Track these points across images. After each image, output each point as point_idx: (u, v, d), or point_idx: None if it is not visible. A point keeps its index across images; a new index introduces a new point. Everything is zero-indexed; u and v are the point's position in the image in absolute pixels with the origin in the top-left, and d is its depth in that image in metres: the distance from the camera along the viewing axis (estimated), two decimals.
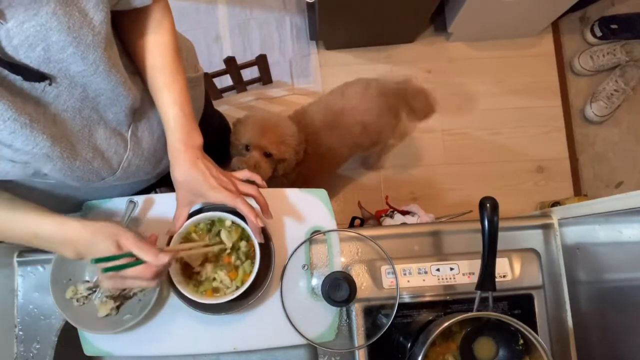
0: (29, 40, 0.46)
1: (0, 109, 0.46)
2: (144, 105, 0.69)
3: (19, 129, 0.49)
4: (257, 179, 0.70)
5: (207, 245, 0.68)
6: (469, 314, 0.63)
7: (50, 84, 0.51)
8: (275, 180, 1.20)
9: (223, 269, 0.69)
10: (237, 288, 0.67)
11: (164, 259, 0.58)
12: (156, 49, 0.64)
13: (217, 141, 1.20)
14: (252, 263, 0.68)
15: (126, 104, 0.62)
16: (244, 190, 0.65)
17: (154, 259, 0.57)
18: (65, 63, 0.51)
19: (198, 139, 0.66)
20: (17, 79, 0.48)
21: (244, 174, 0.69)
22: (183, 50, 0.69)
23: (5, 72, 0.47)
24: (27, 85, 0.50)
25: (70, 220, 0.59)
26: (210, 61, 1.74)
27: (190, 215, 0.68)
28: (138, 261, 0.58)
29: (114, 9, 0.56)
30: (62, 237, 0.59)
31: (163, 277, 0.65)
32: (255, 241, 0.66)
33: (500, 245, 0.64)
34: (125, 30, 0.65)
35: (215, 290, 0.69)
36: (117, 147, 0.66)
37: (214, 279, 0.69)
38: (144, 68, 0.65)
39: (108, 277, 0.58)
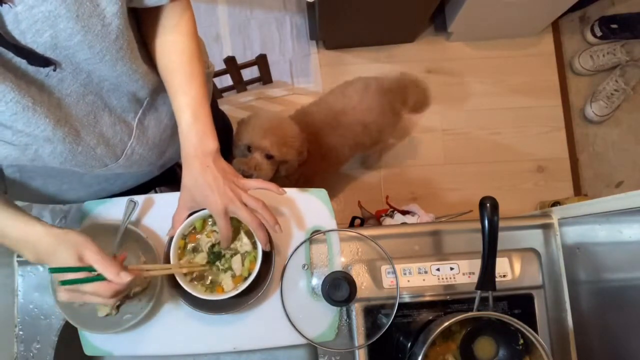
0: (37, 25, 0.46)
1: (3, 90, 0.47)
2: (153, 95, 0.68)
3: (21, 111, 0.49)
4: (272, 187, 0.67)
5: (177, 267, 0.66)
6: (469, 314, 0.63)
7: (54, 70, 0.51)
8: (278, 181, 1.20)
9: (226, 266, 0.69)
10: (244, 280, 0.67)
11: (125, 278, 0.55)
12: (171, 50, 0.64)
13: (220, 141, 1.19)
14: (254, 258, 0.68)
15: (129, 90, 0.62)
16: (251, 205, 0.63)
17: (115, 277, 0.55)
18: (72, 50, 0.50)
19: (211, 144, 0.64)
20: (21, 62, 0.48)
21: (257, 184, 0.66)
22: None
23: (11, 54, 0.47)
24: (31, 68, 0.50)
25: (36, 223, 0.58)
26: (211, 61, 1.74)
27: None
28: (99, 276, 0.55)
29: (130, 6, 0.56)
30: (24, 238, 0.57)
31: (122, 296, 0.61)
32: (259, 244, 0.66)
33: (500, 245, 0.64)
34: (145, 28, 0.64)
35: (211, 286, 0.69)
36: (122, 134, 0.66)
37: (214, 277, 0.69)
38: (159, 68, 0.65)
39: (65, 288, 0.56)
